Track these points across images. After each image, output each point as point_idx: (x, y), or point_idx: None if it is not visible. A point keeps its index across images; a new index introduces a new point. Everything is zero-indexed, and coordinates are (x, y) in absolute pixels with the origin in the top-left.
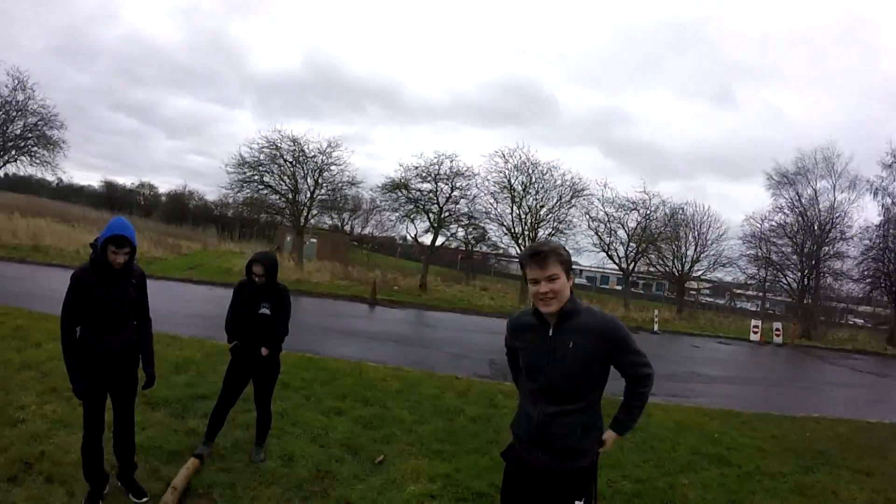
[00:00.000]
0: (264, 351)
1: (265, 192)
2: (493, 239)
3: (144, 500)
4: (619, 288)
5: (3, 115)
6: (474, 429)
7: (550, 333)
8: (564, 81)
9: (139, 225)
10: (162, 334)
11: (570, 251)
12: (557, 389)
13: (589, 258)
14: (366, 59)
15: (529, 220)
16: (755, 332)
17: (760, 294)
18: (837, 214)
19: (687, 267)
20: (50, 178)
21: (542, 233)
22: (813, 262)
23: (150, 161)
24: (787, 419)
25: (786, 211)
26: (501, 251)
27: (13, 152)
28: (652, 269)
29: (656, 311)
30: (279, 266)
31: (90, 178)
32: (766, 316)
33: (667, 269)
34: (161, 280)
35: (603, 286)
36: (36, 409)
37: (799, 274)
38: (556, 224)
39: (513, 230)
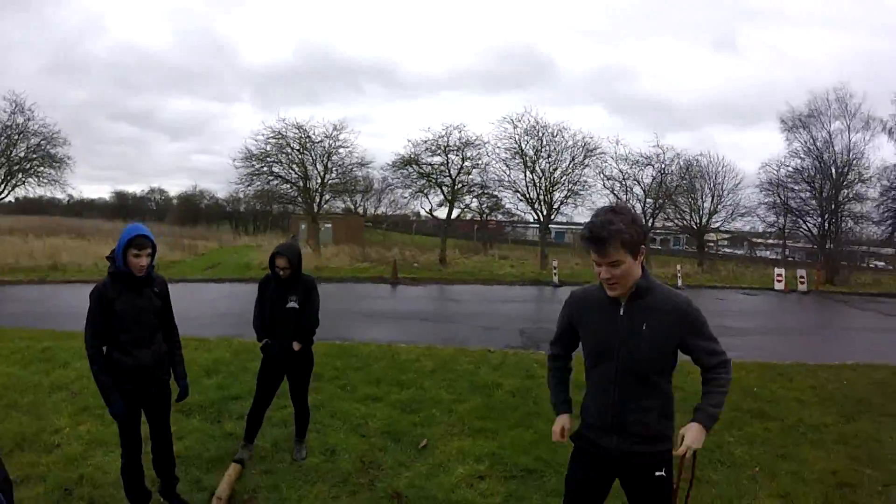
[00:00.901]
0: (296, 346)
1: (275, 182)
2: (508, 206)
3: None
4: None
5: (5, 140)
6: (514, 402)
7: (621, 313)
8: (561, 39)
9: (153, 230)
10: (189, 338)
11: (588, 212)
12: (632, 373)
13: None
14: (358, 39)
15: (544, 184)
16: (779, 281)
17: (780, 242)
18: (854, 156)
19: (705, 219)
20: (60, 196)
21: (556, 195)
22: (832, 206)
23: (156, 166)
24: (823, 368)
25: (801, 155)
26: (517, 218)
27: (20, 175)
28: (669, 223)
29: (678, 267)
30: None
31: (100, 191)
32: (787, 264)
33: (685, 222)
34: (181, 282)
35: None
36: (70, 432)
37: (819, 219)
38: (570, 186)
39: (528, 196)
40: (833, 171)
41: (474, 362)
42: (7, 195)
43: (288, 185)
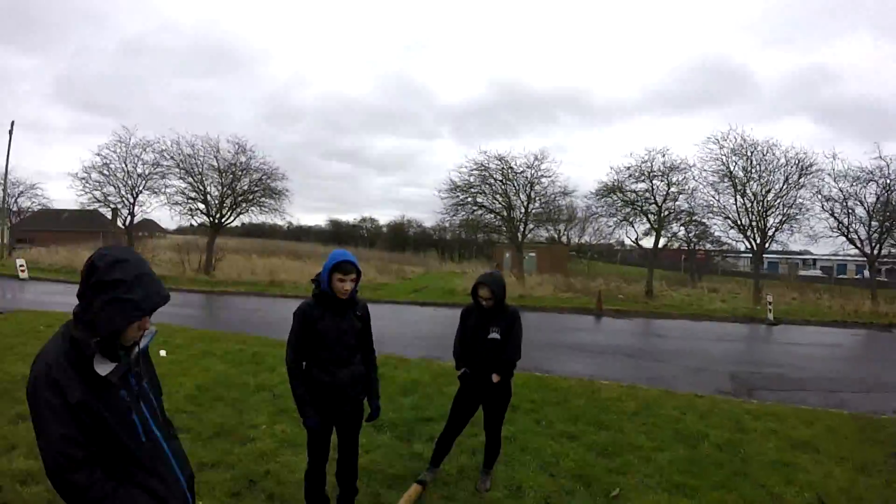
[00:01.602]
0: (496, 378)
1: (479, 212)
2: (717, 234)
3: None
4: (857, 277)
5: (231, 175)
6: (720, 457)
7: None
8: (755, 48)
9: (364, 255)
10: (390, 356)
11: (805, 239)
12: None
13: (825, 245)
14: (548, 69)
15: (756, 209)
16: None
17: None
18: None
19: None
20: (280, 222)
21: (770, 221)
22: None
23: (367, 198)
24: None
25: None
26: (727, 247)
27: (244, 205)
28: None
29: None
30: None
31: (316, 219)
32: None
33: None
34: (388, 304)
35: (841, 276)
36: (266, 429)
37: None
38: (785, 209)
39: (739, 222)
40: None
41: (679, 408)
42: (233, 220)
43: (492, 215)
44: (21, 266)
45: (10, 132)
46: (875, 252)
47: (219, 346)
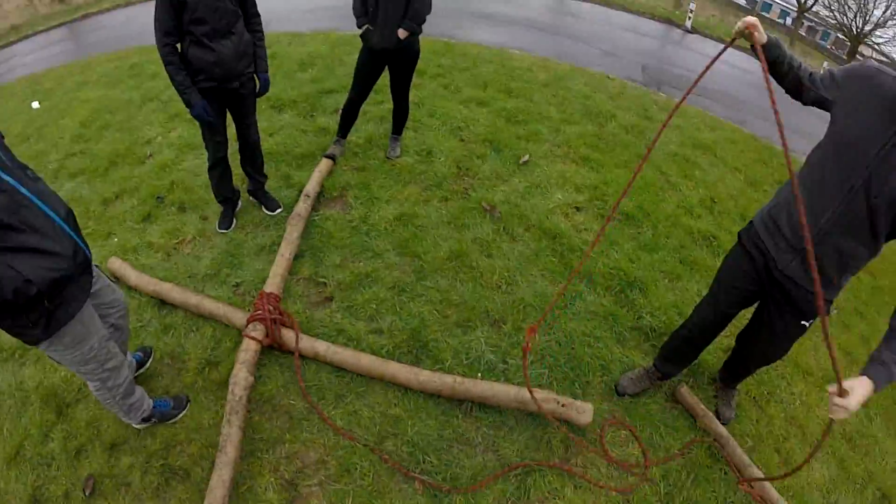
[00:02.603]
0: (402, 33)
1: None
2: None
3: (278, 211)
4: (779, 21)
5: None
6: (625, 139)
7: None
8: None
9: None
10: (281, 34)
11: None
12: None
13: None
14: None
15: None
16: None
17: None
18: None
19: (868, 27)
20: None
21: None
22: None
23: None
24: None
25: None
26: None
27: None
28: (827, 13)
29: (825, 63)
30: None
31: None
32: None
33: (845, 20)
34: None
35: (763, 13)
36: (162, 140)
37: None
38: None
39: None
40: None
41: (590, 85)
42: None
43: None
44: None
45: None
46: (808, 3)
47: (92, 73)
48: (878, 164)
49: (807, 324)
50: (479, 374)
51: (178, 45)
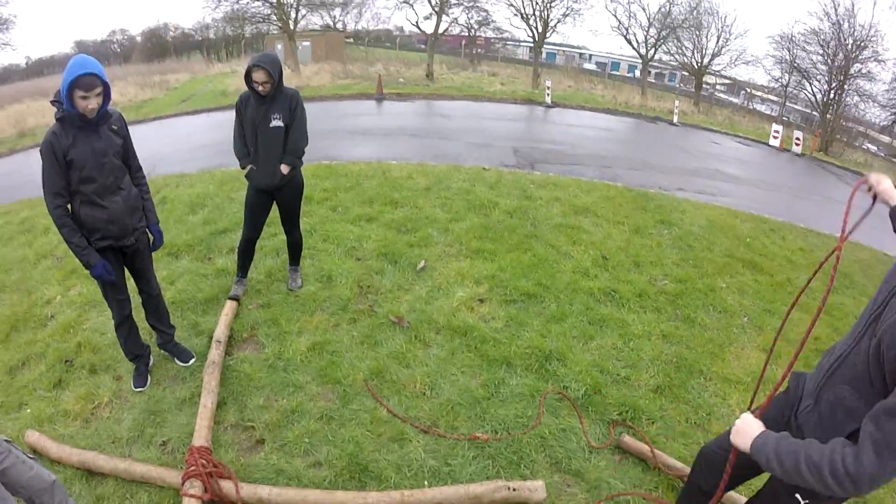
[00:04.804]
0: (285, 169)
1: (245, 1)
2: (500, 22)
3: (192, 361)
4: (629, 75)
5: None
6: (511, 223)
7: None
8: None
9: (120, 73)
10: (168, 176)
11: (586, 34)
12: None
13: (604, 43)
14: None
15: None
16: (775, 137)
17: (779, 100)
18: (874, 34)
19: (707, 60)
20: (15, 60)
21: (554, 13)
22: (841, 77)
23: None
24: (812, 234)
25: (820, 16)
26: (508, 34)
27: None
28: (669, 57)
29: (676, 102)
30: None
31: (59, 46)
32: (784, 123)
33: (685, 59)
34: (155, 121)
35: (614, 72)
36: (62, 299)
37: (825, 86)
38: (570, 2)
39: (522, 11)
40: (850, 42)
41: (469, 180)
42: None
43: (259, 3)
44: None
45: None
46: (649, 55)
47: None
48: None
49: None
50: (426, 483)
51: (69, 206)
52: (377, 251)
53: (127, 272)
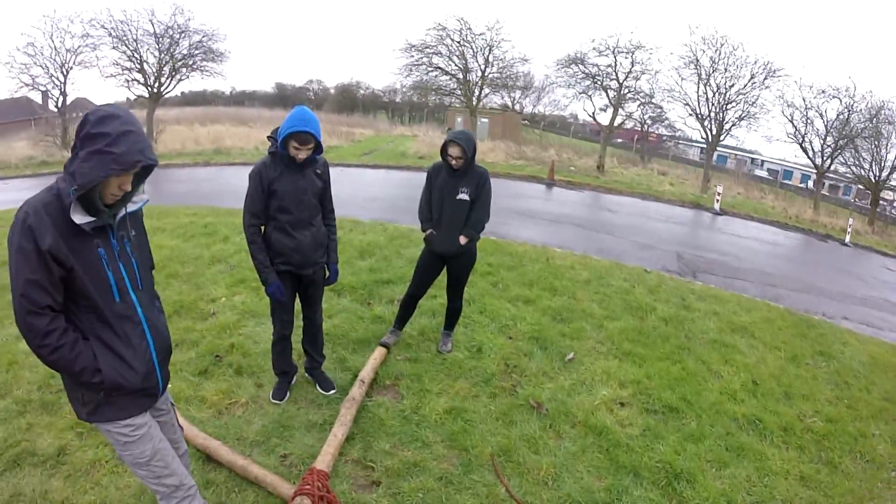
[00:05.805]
0: (463, 240)
1: (434, 73)
2: (674, 120)
3: (332, 392)
4: (801, 185)
5: (169, 40)
6: (666, 331)
7: None
8: None
9: None
10: (343, 219)
11: (760, 139)
12: None
13: (777, 149)
14: None
15: (717, 101)
16: None
17: None
18: None
19: (885, 173)
20: (223, 88)
21: (730, 114)
22: None
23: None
24: None
25: None
26: (680, 133)
27: (184, 70)
28: (845, 169)
29: (850, 220)
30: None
31: (261, 83)
32: None
33: (862, 171)
34: (338, 167)
35: (786, 181)
36: (226, 301)
37: None
38: (746, 107)
39: (698, 111)
40: None
41: (629, 280)
42: (173, 88)
43: (447, 77)
44: None
45: None
46: (825, 165)
47: (168, 221)
48: None
49: None
50: None
51: (262, 228)
52: (529, 333)
53: (298, 298)
